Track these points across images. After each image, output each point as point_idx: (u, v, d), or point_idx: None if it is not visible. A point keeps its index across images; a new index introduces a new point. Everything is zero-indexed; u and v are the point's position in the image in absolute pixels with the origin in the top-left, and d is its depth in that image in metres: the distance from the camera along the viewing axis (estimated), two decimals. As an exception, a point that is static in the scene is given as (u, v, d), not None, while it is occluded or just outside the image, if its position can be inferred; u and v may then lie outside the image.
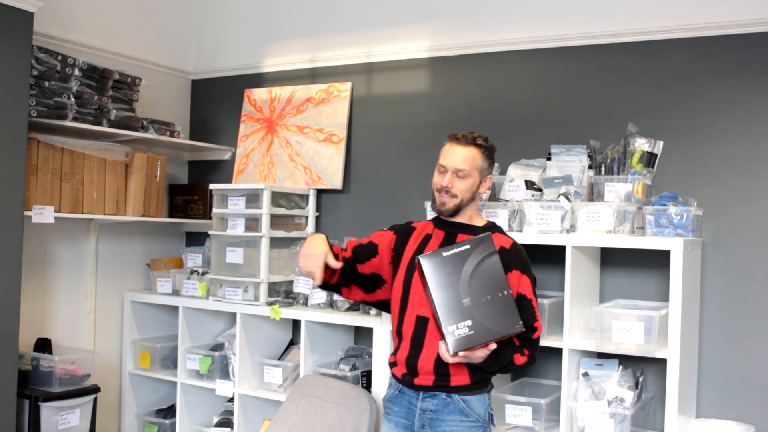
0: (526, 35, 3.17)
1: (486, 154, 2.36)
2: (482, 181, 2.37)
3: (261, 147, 3.84)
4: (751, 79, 2.73)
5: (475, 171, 2.33)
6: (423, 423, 2.29)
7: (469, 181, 2.32)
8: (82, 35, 3.51)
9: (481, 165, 2.35)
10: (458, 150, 2.33)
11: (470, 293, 2.09)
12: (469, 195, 2.34)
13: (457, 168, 2.31)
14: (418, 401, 2.30)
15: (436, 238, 2.39)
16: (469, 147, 2.33)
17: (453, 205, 2.33)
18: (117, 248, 3.75)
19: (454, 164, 2.32)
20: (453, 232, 2.37)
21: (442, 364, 2.24)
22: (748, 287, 2.70)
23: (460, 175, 2.32)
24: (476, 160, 2.33)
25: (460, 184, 2.32)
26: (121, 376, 3.75)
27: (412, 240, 2.44)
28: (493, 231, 2.33)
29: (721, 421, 2.64)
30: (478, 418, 2.26)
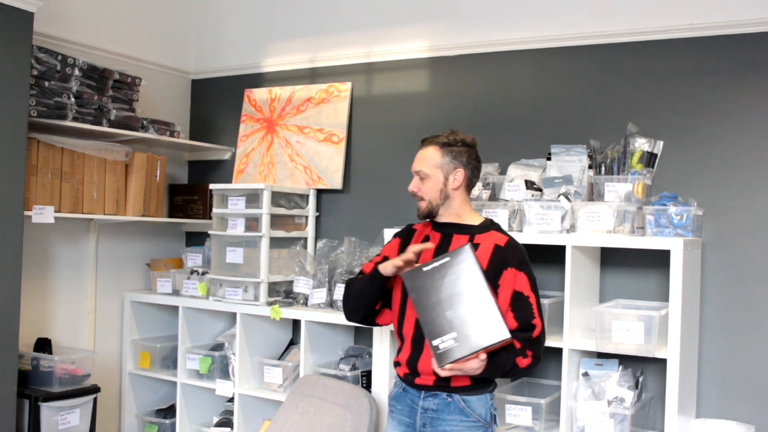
0: (526, 35, 3.17)
1: (445, 149, 2.30)
2: (448, 177, 2.30)
3: (261, 147, 3.84)
4: (751, 79, 2.73)
5: (435, 169, 2.29)
6: (424, 422, 2.29)
7: (430, 182, 2.30)
8: (82, 35, 3.51)
9: (441, 161, 2.29)
10: (419, 152, 2.34)
11: (452, 305, 2.06)
12: (437, 194, 2.31)
13: (415, 171, 2.33)
14: (420, 400, 2.30)
15: (433, 239, 2.38)
16: (427, 147, 2.32)
17: (424, 207, 2.33)
18: (117, 248, 3.75)
19: (414, 167, 2.34)
20: (448, 233, 2.36)
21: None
22: (748, 287, 2.70)
23: (421, 177, 2.32)
24: (433, 158, 2.30)
25: (423, 186, 2.32)
26: (121, 376, 3.75)
27: (413, 241, 2.43)
28: (489, 228, 2.32)
29: (721, 421, 2.64)
30: (478, 418, 2.26)
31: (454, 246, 2.30)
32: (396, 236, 2.51)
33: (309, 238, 3.62)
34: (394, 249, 2.45)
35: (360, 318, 2.44)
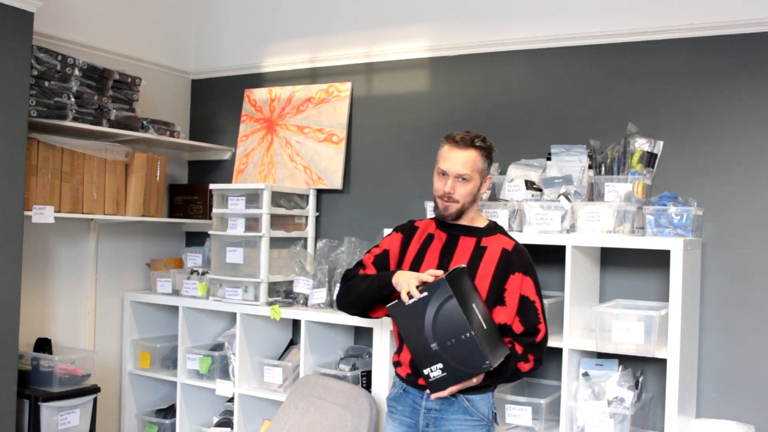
0: (526, 35, 3.17)
1: (485, 154, 2.32)
2: (482, 182, 2.33)
3: (261, 147, 3.84)
4: (751, 79, 2.73)
5: (476, 174, 2.29)
6: (428, 422, 2.29)
7: (470, 185, 2.28)
8: (82, 35, 3.51)
9: (482, 167, 2.31)
10: (458, 154, 2.28)
11: (436, 338, 2.09)
12: (471, 198, 2.31)
13: (459, 173, 2.27)
14: (423, 400, 2.30)
15: (438, 239, 2.37)
16: (469, 150, 2.28)
17: (455, 209, 2.30)
18: (117, 248, 3.75)
19: (455, 169, 2.27)
20: (455, 234, 2.35)
21: None
22: (748, 287, 2.70)
23: (462, 180, 2.28)
24: (477, 162, 2.29)
25: (462, 189, 2.28)
26: (121, 376, 3.75)
27: (415, 239, 2.42)
28: (495, 231, 2.33)
29: (721, 421, 2.64)
30: (482, 417, 2.27)
31: (460, 250, 2.31)
32: (398, 231, 2.48)
33: (309, 238, 3.62)
34: (395, 243, 2.43)
35: (355, 313, 2.44)
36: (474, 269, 2.26)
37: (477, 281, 2.24)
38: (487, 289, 2.24)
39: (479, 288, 2.25)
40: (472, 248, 2.30)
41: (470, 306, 2.11)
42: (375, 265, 2.44)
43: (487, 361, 2.07)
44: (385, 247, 2.45)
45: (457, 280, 2.12)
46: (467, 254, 2.29)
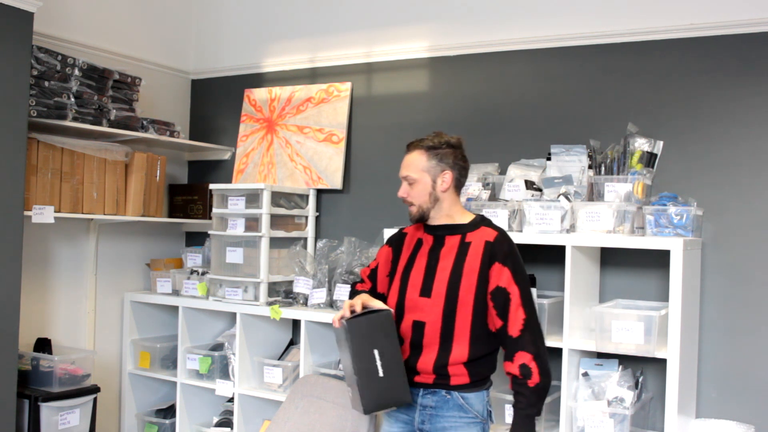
0: (526, 35, 3.17)
1: (431, 152, 2.30)
2: (436, 179, 2.31)
3: (261, 147, 3.84)
4: (751, 79, 2.73)
5: (422, 173, 2.30)
6: (423, 419, 2.31)
7: (418, 186, 2.30)
8: (82, 35, 3.51)
9: (427, 165, 2.30)
10: (405, 158, 2.35)
11: (352, 366, 2.21)
12: (427, 198, 2.31)
13: (403, 176, 2.34)
14: (419, 398, 2.32)
15: (426, 243, 2.40)
16: (412, 152, 2.33)
17: (415, 211, 2.34)
18: (117, 248, 3.75)
19: (401, 173, 2.34)
20: (441, 234, 2.37)
21: (442, 366, 2.26)
22: (748, 287, 2.70)
23: (409, 183, 2.32)
24: (419, 162, 2.30)
25: (413, 191, 2.32)
26: (121, 376, 3.75)
27: (405, 246, 2.45)
28: (479, 225, 2.33)
29: (721, 421, 2.64)
30: (476, 414, 2.27)
31: (446, 249, 2.33)
32: (388, 244, 2.53)
33: (309, 238, 3.62)
34: (384, 256, 2.50)
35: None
36: (460, 266, 2.27)
37: (464, 278, 2.25)
38: (475, 284, 2.25)
39: (467, 285, 2.25)
40: (457, 246, 2.31)
41: (369, 351, 2.20)
42: (369, 278, 2.53)
43: (361, 407, 2.20)
44: (378, 261, 2.52)
45: (367, 323, 2.22)
46: (453, 253, 2.30)
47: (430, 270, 2.31)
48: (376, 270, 2.51)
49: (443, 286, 2.27)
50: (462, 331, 2.24)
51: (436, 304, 2.27)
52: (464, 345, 2.24)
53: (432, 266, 2.31)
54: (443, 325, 2.26)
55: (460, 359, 2.24)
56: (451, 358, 2.25)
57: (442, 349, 2.26)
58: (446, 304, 2.26)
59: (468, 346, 2.24)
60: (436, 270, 2.30)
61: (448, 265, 2.29)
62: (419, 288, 2.31)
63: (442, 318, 2.26)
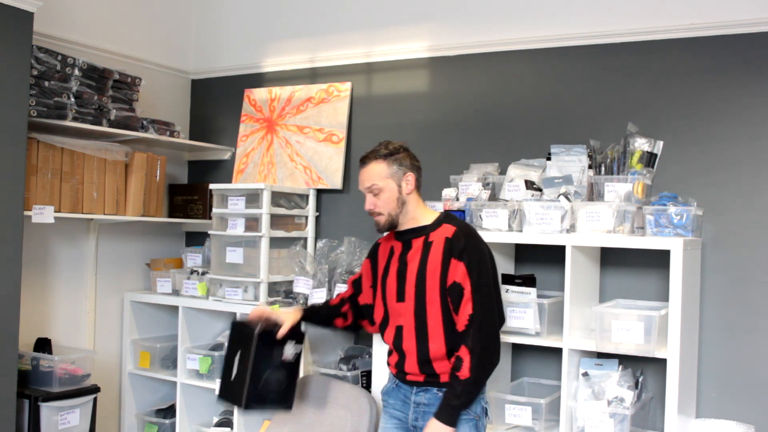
0: (526, 35, 3.17)
1: (389, 159, 2.36)
2: (401, 183, 2.36)
3: (261, 147, 3.84)
4: (751, 79, 2.73)
5: (387, 180, 2.35)
6: (416, 416, 2.36)
7: (385, 194, 2.34)
8: (82, 35, 3.51)
9: (389, 171, 2.35)
10: (363, 172, 2.39)
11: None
12: (395, 204, 2.35)
13: (367, 188, 2.36)
14: (412, 395, 2.37)
15: (396, 249, 2.45)
16: (369, 164, 2.37)
17: (384, 221, 2.37)
18: (117, 248, 3.75)
19: (363, 185, 2.37)
20: (407, 239, 2.41)
21: (425, 364, 2.31)
22: (748, 287, 2.70)
23: (374, 193, 2.35)
24: (381, 170, 2.35)
25: (379, 200, 2.35)
26: (121, 376, 3.75)
27: (380, 256, 2.51)
28: (442, 223, 2.36)
29: (721, 421, 2.64)
30: (469, 411, 2.29)
31: (413, 252, 2.37)
32: (367, 257, 2.60)
33: (309, 238, 3.62)
34: (366, 268, 2.58)
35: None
36: (424, 266, 2.31)
37: (428, 277, 2.29)
38: (438, 282, 2.28)
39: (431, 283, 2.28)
40: (421, 247, 2.36)
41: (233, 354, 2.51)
42: (353, 284, 2.63)
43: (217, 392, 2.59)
44: (362, 273, 2.60)
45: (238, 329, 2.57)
46: (418, 254, 2.35)
47: (401, 275, 2.37)
48: (360, 280, 2.60)
49: (412, 289, 2.33)
50: (435, 329, 2.29)
51: (409, 307, 2.34)
52: (439, 340, 2.29)
53: (402, 271, 2.37)
54: (416, 325, 2.32)
55: (439, 355, 2.28)
56: (431, 354, 2.29)
57: (420, 348, 2.31)
58: (416, 305, 2.32)
59: (443, 341, 2.28)
60: (406, 274, 2.36)
61: (414, 267, 2.34)
62: (395, 294, 2.39)
63: (415, 319, 2.32)
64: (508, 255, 3.05)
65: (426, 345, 2.30)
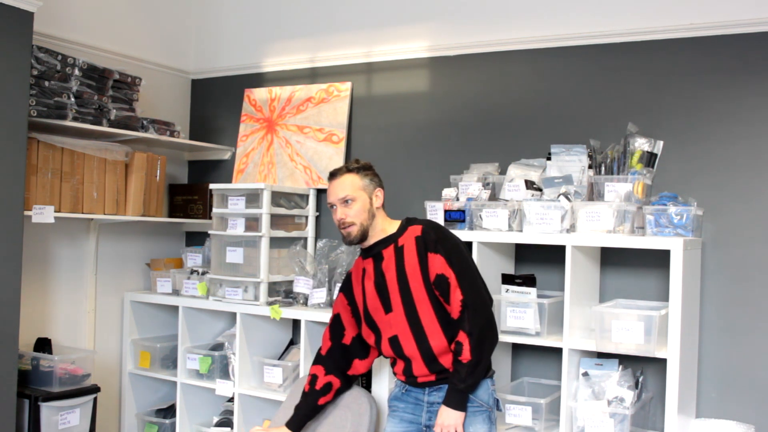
0: (526, 35, 3.17)
1: (361, 173, 2.43)
2: (372, 196, 2.43)
3: (261, 147, 3.84)
4: (751, 79, 2.73)
5: (360, 191, 2.40)
6: (430, 416, 2.37)
7: (357, 204, 2.39)
8: (82, 35, 3.51)
9: (362, 183, 2.42)
10: (335, 183, 2.43)
11: None
12: (366, 215, 2.40)
13: (340, 198, 2.39)
14: (425, 396, 2.39)
15: (368, 267, 2.46)
16: (343, 176, 2.42)
17: (357, 231, 2.39)
18: (117, 248, 3.75)
19: (337, 196, 2.41)
20: (377, 251, 2.43)
21: (434, 363, 2.33)
22: (748, 287, 2.70)
23: (347, 203, 2.38)
24: (354, 182, 2.41)
25: (352, 210, 2.38)
26: (121, 375, 3.75)
27: (354, 282, 2.53)
28: (407, 226, 2.41)
29: (721, 421, 2.64)
30: (481, 403, 2.32)
31: (387, 261, 2.39)
32: (341, 291, 2.61)
33: (309, 238, 3.62)
34: (341, 306, 2.58)
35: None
36: (402, 270, 2.33)
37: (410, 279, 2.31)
38: (421, 280, 2.30)
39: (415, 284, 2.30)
40: (393, 254, 2.38)
41: None
42: (332, 336, 2.59)
43: None
44: (336, 311, 2.59)
45: None
46: (392, 262, 2.37)
47: (381, 288, 2.39)
48: (339, 319, 2.58)
49: (397, 296, 2.34)
50: (431, 326, 2.31)
51: (398, 314, 2.35)
52: (438, 335, 2.31)
53: (381, 283, 2.39)
54: (412, 329, 2.33)
55: (442, 348, 2.31)
56: (435, 351, 2.31)
57: (423, 350, 2.33)
58: (405, 309, 2.33)
59: (442, 333, 2.31)
60: (386, 284, 2.37)
61: (392, 275, 2.36)
62: (381, 308, 2.40)
63: (408, 324, 2.34)
64: (508, 255, 3.05)
65: (427, 344, 2.31)
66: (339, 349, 2.58)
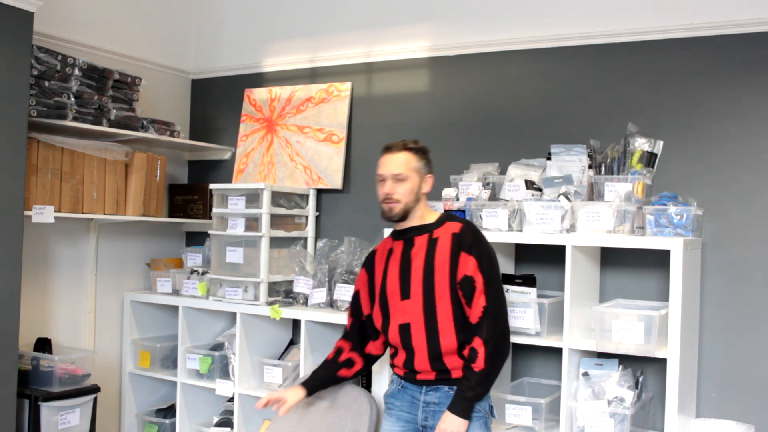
0: (526, 35, 3.17)
1: (419, 155, 2.42)
2: (422, 181, 2.42)
3: (261, 147, 3.84)
4: (751, 79, 2.73)
5: (413, 173, 2.39)
6: (426, 416, 2.36)
7: (408, 184, 2.38)
8: (82, 35, 3.51)
9: (417, 166, 2.41)
10: (392, 157, 2.41)
11: None
12: (413, 197, 2.39)
13: (394, 174, 2.38)
14: (421, 395, 2.37)
15: (397, 248, 2.46)
16: (401, 152, 2.41)
17: (399, 209, 2.39)
18: (117, 248, 3.75)
19: (390, 171, 2.39)
20: (410, 237, 2.43)
21: (437, 361, 2.32)
22: (748, 287, 2.70)
23: (398, 180, 2.37)
24: (411, 162, 2.40)
25: (401, 188, 2.38)
26: (121, 375, 3.75)
27: (377, 260, 2.53)
28: (445, 221, 2.41)
29: (721, 421, 2.64)
30: (479, 409, 2.31)
31: (417, 248, 2.38)
32: (363, 266, 2.61)
33: (309, 238, 3.62)
34: (362, 282, 2.58)
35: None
36: (431, 262, 2.34)
37: (437, 272, 2.32)
38: (448, 276, 2.31)
39: (440, 278, 2.31)
40: (426, 244, 2.38)
41: None
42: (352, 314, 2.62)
43: None
44: (357, 288, 2.60)
45: None
46: (423, 251, 2.37)
47: (405, 272, 2.39)
48: (358, 296, 2.59)
49: (419, 285, 2.34)
50: (445, 323, 2.30)
51: (416, 303, 2.34)
52: (450, 334, 2.30)
53: (406, 269, 2.39)
54: (426, 321, 2.32)
55: (451, 348, 2.30)
56: (443, 349, 2.30)
57: (431, 344, 2.32)
58: (425, 300, 2.33)
59: (454, 334, 2.30)
60: (410, 271, 2.38)
61: (420, 263, 2.36)
62: (398, 292, 2.39)
63: (424, 315, 2.33)
64: (508, 255, 3.05)
65: (437, 340, 2.31)
66: (358, 327, 2.59)
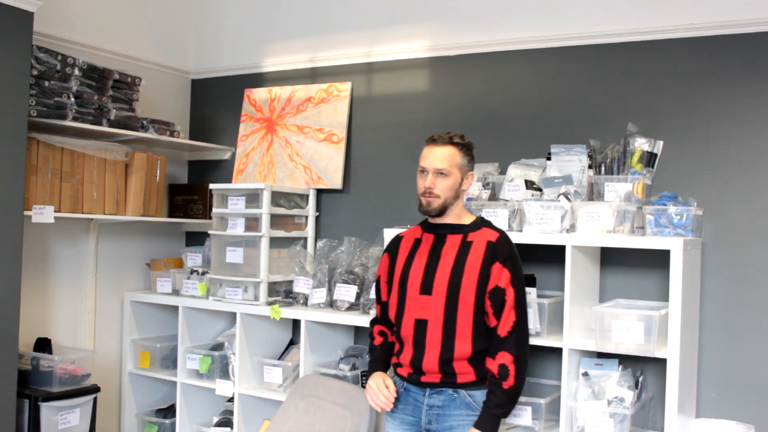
0: (526, 35, 3.17)
1: (464, 151, 2.38)
2: (464, 178, 2.39)
3: (261, 147, 3.84)
4: (751, 79, 2.73)
5: (456, 169, 2.35)
6: (430, 419, 2.33)
7: (450, 180, 2.35)
8: (82, 35, 3.51)
9: (461, 162, 2.37)
10: (436, 151, 2.36)
11: None
12: (453, 193, 2.36)
13: (437, 168, 2.34)
14: (425, 398, 2.34)
15: (426, 241, 2.43)
16: (447, 146, 2.36)
17: (438, 204, 2.36)
18: (117, 248, 3.75)
19: (434, 165, 2.34)
20: (442, 233, 2.40)
21: (446, 363, 2.29)
22: (748, 287, 2.70)
23: (440, 175, 2.34)
24: (455, 158, 2.36)
25: (442, 184, 2.34)
26: (121, 375, 3.75)
27: (402, 248, 2.49)
28: (481, 226, 2.38)
29: (721, 421, 2.64)
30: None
31: (448, 247, 2.35)
32: (386, 251, 2.57)
33: (309, 238, 3.62)
34: (384, 267, 2.53)
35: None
36: (462, 264, 2.31)
37: (465, 275, 2.29)
38: (476, 282, 2.28)
39: (468, 282, 2.28)
40: (458, 244, 2.35)
41: None
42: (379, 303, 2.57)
43: None
44: (378, 275, 2.57)
45: None
46: (454, 250, 2.34)
47: (430, 268, 2.35)
48: (380, 282, 2.56)
49: (444, 284, 2.30)
50: (464, 328, 2.27)
51: (438, 301, 2.30)
52: (467, 341, 2.27)
53: (432, 264, 2.35)
54: (445, 322, 2.29)
55: (464, 354, 2.27)
56: (456, 353, 2.27)
57: (445, 345, 2.29)
58: (448, 301, 2.29)
59: (471, 341, 2.27)
60: (437, 268, 2.33)
61: (449, 262, 2.32)
62: (419, 286, 2.35)
63: (444, 315, 2.29)
64: (508, 255, 3.04)
65: (452, 342, 2.28)
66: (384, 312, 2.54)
